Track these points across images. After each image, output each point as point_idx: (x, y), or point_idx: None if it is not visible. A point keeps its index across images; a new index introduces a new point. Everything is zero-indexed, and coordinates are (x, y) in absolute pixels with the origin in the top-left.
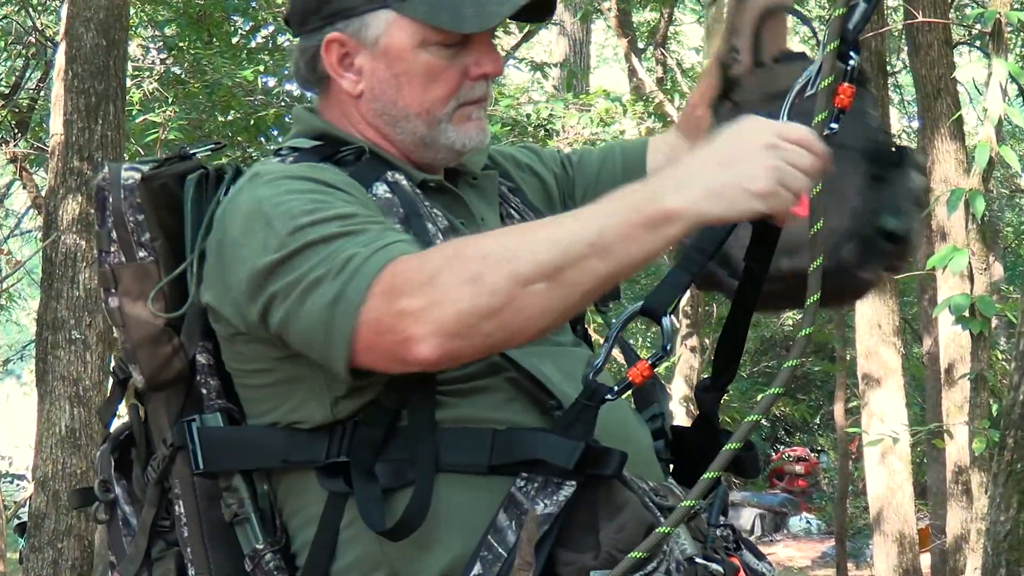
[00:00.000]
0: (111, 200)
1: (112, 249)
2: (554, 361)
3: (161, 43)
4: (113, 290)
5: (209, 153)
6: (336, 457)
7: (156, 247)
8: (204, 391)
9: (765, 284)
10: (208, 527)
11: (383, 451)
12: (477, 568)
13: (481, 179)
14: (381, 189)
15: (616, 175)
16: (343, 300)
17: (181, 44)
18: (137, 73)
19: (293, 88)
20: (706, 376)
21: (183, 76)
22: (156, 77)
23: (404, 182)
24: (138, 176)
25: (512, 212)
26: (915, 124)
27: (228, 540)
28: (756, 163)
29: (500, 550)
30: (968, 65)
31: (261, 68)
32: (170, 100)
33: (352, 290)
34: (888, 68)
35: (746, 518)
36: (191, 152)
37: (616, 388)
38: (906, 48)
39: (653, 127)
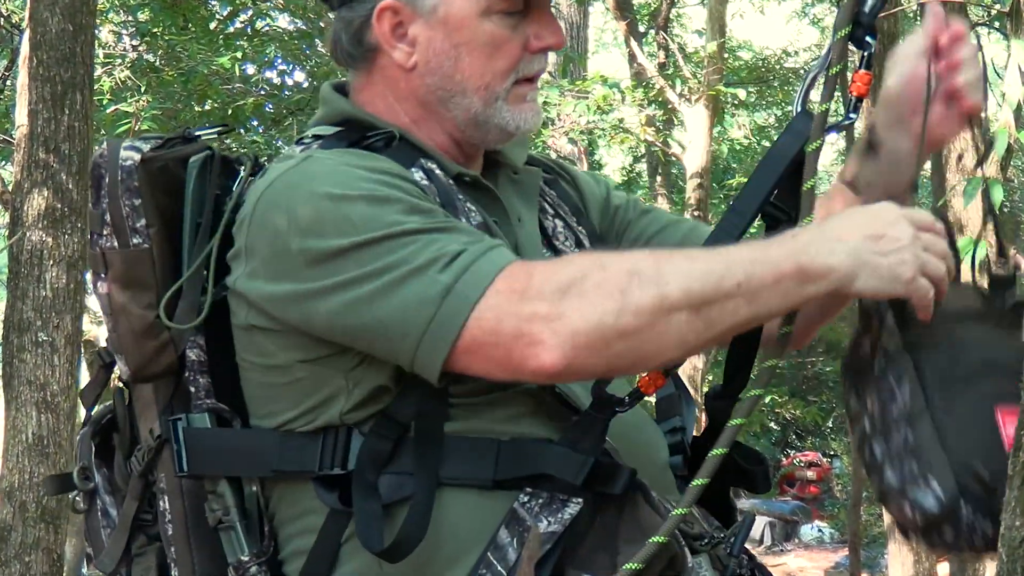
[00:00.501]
0: (107, 180)
1: (105, 232)
2: None
3: (133, 28)
4: (103, 275)
5: (215, 136)
6: (330, 467)
7: (151, 234)
8: (192, 389)
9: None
10: (194, 527)
11: (388, 463)
12: None
13: (523, 175)
14: (418, 175)
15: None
16: (456, 294)
17: (155, 30)
18: (108, 60)
19: (273, 75)
20: (716, 381)
21: (157, 63)
22: (128, 64)
23: (438, 171)
24: (137, 157)
25: (552, 214)
26: None
27: (214, 542)
28: (905, 249)
29: (500, 568)
30: (986, 47)
31: (239, 55)
32: (143, 89)
33: (467, 285)
34: None
35: (755, 527)
36: (195, 134)
37: (627, 398)
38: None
39: (654, 115)
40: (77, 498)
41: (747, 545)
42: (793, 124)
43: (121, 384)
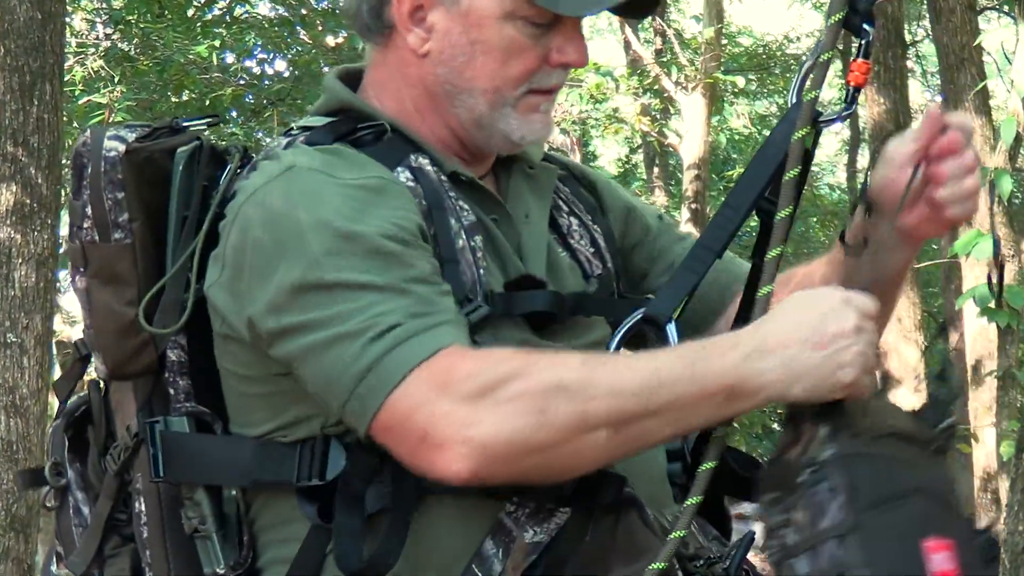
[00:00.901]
0: (89, 171)
1: (85, 225)
2: None
3: (107, 16)
4: (82, 269)
5: (203, 127)
6: (308, 479)
7: (134, 228)
8: (172, 391)
9: None
10: (171, 532)
11: (377, 474)
12: None
13: (538, 170)
14: (404, 176)
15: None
16: (378, 372)
17: (129, 17)
18: (81, 49)
19: (252, 65)
20: None
21: (131, 52)
22: (101, 54)
23: (429, 168)
24: (122, 148)
25: (567, 211)
26: (939, 99)
27: (191, 548)
28: (847, 350)
29: None
30: (994, 31)
31: (217, 43)
32: (117, 79)
33: (392, 365)
34: (910, 36)
35: (758, 532)
36: (183, 124)
37: None
38: (928, 15)
39: (649, 104)
40: (48, 495)
41: (752, 552)
42: (789, 115)
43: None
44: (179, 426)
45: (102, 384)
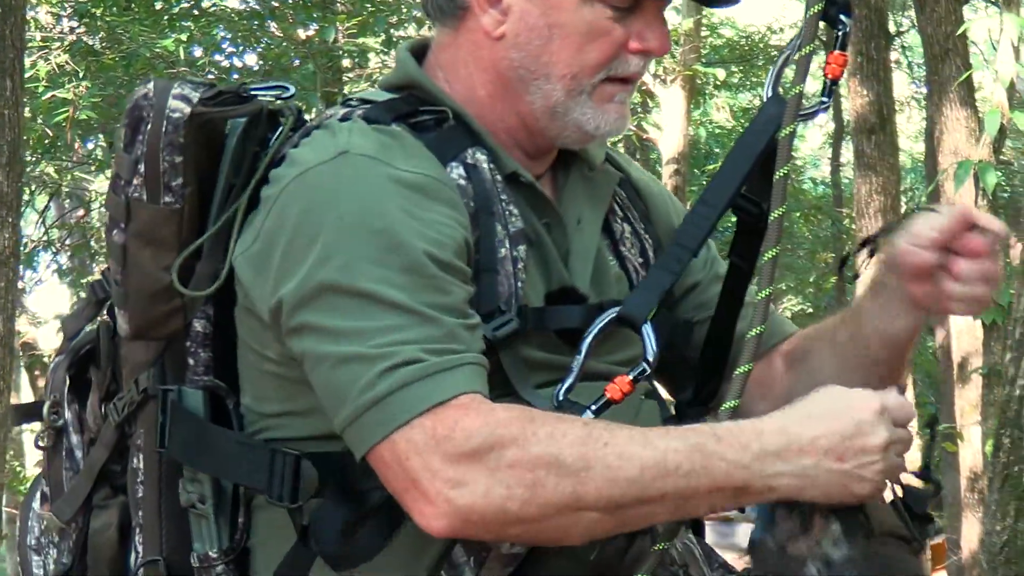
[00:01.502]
0: (148, 127)
1: (135, 182)
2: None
3: (72, 9)
4: (123, 225)
5: (271, 99)
6: (279, 496)
7: (185, 194)
8: (191, 361)
9: None
10: (168, 497)
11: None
12: None
13: (598, 173)
14: (457, 172)
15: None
16: (385, 407)
17: (95, 10)
18: (45, 44)
19: (221, 59)
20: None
21: (97, 47)
22: (66, 48)
23: (485, 166)
24: (187, 111)
25: (621, 217)
26: (925, 90)
27: (185, 522)
28: (870, 467)
29: None
30: (979, 20)
31: (185, 37)
32: (82, 74)
33: (400, 404)
34: (894, 27)
35: (741, 534)
36: (251, 91)
37: (592, 407)
38: (912, 5)
39: None
40: (42, 433)
41: (734, 553)
42: (765, 109)
43: (110, 318)
44: (193, 399)
45: (112, 327)
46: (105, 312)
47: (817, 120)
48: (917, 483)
